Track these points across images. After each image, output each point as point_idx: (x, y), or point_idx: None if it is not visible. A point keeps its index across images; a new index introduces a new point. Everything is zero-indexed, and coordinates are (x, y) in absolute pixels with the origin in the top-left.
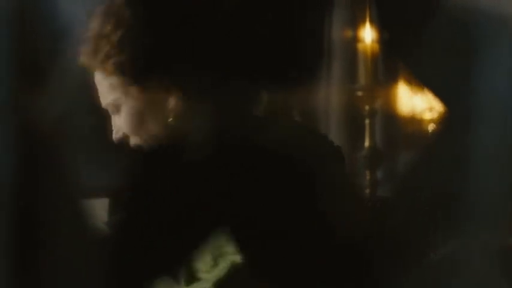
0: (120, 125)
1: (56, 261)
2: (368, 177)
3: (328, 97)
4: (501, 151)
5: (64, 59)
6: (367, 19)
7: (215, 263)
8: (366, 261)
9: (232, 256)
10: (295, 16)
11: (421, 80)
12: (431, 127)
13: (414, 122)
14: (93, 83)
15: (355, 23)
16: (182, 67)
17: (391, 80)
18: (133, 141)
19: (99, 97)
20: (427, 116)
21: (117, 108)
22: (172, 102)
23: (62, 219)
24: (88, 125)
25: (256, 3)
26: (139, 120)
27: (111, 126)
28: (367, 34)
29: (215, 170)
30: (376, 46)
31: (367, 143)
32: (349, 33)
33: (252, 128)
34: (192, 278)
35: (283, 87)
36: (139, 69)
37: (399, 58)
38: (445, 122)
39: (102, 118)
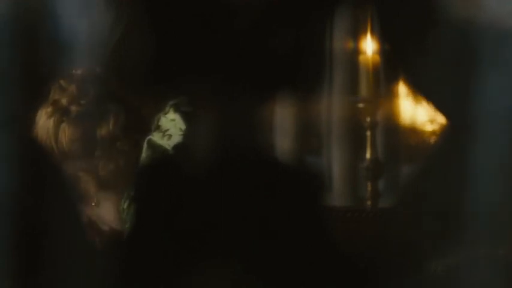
0: None
1: (56, 269)
2: (369, 189)
3: (330, 109)
4: (504, 162)
5: (65, 71)
6: (369, 31)
7: None
8: (367, 272)
9: None
10: (296, 28)
11: (423, 92)
12: (432, 139)
13: (415, 133)
14: None
15: (356, 35)
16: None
17: (392, 91)
18: None
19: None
20: (429, 127)
21: None
22: None
23: (64, 228)
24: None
25: (256, 16)
26: None
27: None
28: (369, 46)
29: (220, 182)
30: (378, 58)
31: (368, 155)
32: (350, 45)
33: (257, 140)
34: None
35: (285, 99)
36: None
37: (400, 70)
38: (446, 133)
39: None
